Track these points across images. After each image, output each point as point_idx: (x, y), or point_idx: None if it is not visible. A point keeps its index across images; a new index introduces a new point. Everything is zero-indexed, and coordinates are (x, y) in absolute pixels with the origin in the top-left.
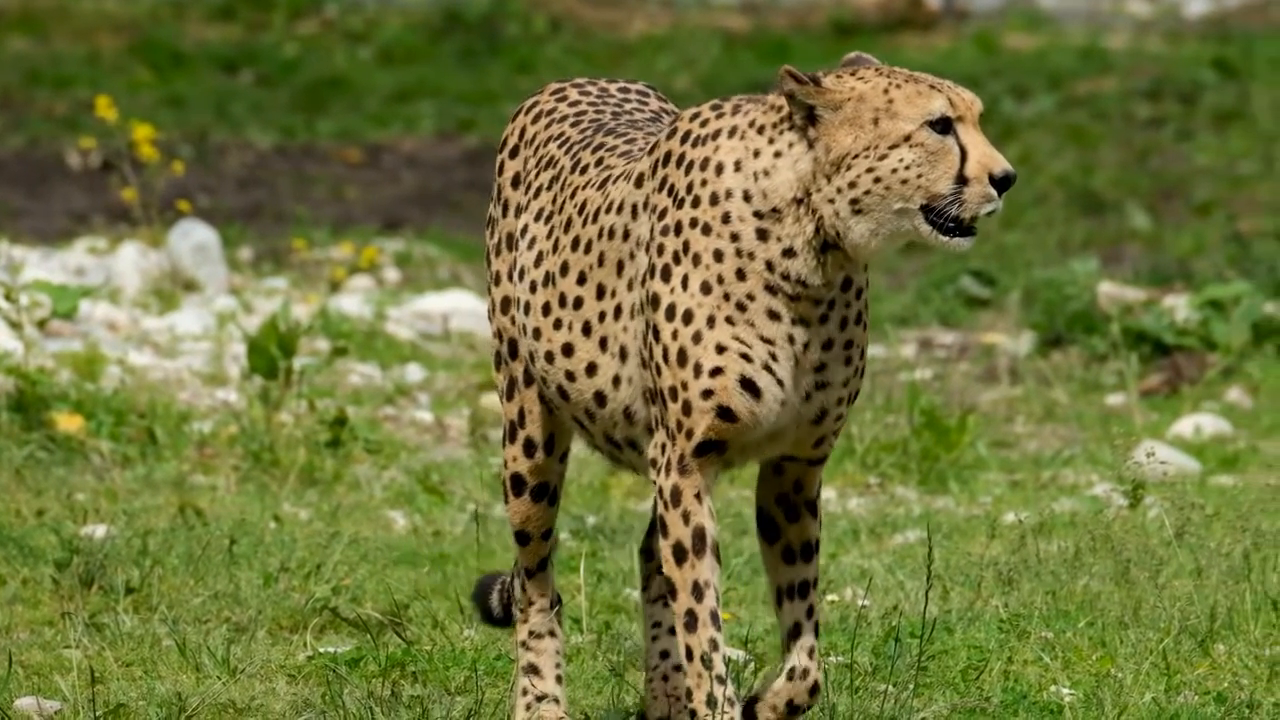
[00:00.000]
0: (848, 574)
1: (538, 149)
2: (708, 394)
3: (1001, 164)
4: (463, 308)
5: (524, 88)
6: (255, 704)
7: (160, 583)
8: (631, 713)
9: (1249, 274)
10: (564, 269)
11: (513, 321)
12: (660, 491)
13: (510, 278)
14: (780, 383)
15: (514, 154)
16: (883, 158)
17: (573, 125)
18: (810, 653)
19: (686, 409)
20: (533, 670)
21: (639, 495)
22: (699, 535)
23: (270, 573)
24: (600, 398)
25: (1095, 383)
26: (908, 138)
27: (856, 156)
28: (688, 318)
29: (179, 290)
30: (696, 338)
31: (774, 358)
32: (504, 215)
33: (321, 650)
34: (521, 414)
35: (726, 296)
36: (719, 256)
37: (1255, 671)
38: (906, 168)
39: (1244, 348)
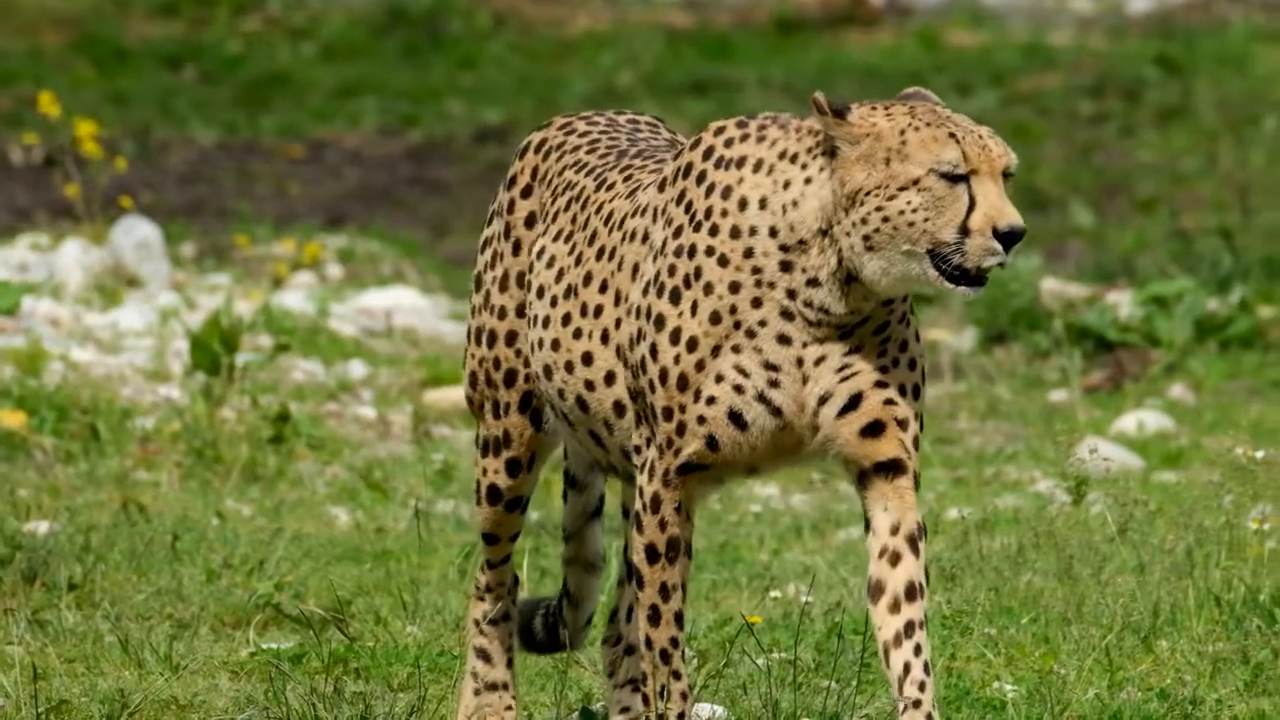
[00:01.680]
0: (791, 570)
1: (551, 182)
2: (702, 420)
3: (1008, 219)
4: (405, 304)
5: (467, 84)
6: (198, 700)
7: (103, 579)
8: (574, 708)
9: (1192, 270)
10: (587, 279)
11: (516, 354)
12: (641, 491)
13: (519, 313)
14: (777, 409)
15: (526, 193)
16: (891, 198)
17: (589, 152)
18: (921, 686)
19: (680, 430)
20: (484, 656)
21: None
22: (673, 543)
23: (213, 569)
24: (619, 407)
25: (1038, 379)
26: (916, 182)
27: (869, 194)
28: (692, 345)
29: (122, 286)
30: (699, 365)
31: (775, 384)
32: (515, 254)
33: (264, 646)
34: (507, 435)
35: (737, 325)
36: (735, 288)
37: (1198, 668)
38: (914, 211)
39: (1187, 344)
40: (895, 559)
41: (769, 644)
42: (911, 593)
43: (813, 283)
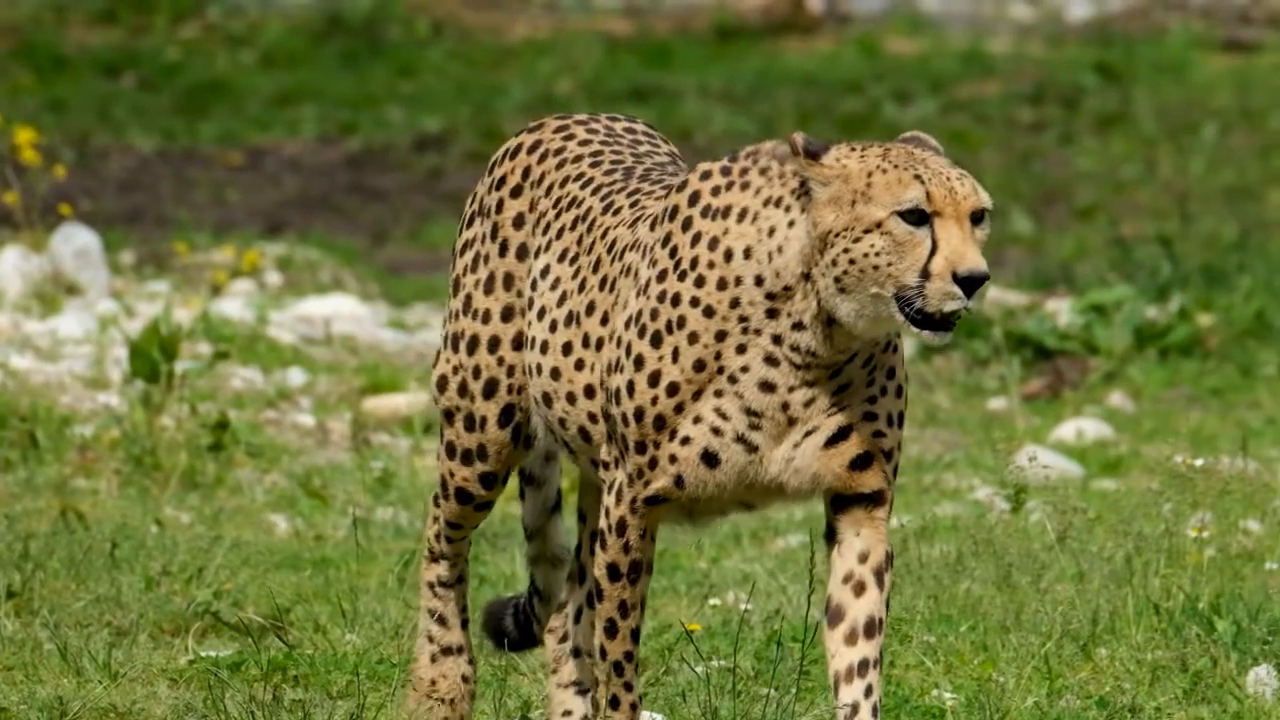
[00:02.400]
0: (730, 578)
1: (551, 189)
2: (674, 459)
3: (969, 264)
4: (344, 311)
5: (406, 91)
6: (137, 708)
7: (41, 586)
8: (513, 715)
9: (1131, 278)
10: (590, 309)
11: (499, 362)
12: (607, 511)
13: (504, 318)
14: (754, 447)
15: (516, 193)
16: (856, 240)
17: (593, 165)
18: None
19: (653, 464)
20: (439, 619)
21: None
22: (635, 565)
23: (152, 576)
24: None
25: (977, 387)
26: (879, 224)
27: (837, 235)
28: (672, 390)
29: (61, 294)
30: (679, 408)
31: (756, 427)
32: (502, 256)
33: (203, 654)
34: (482, 449)
35: (720, 370)
36: (720, 337)
37: (1137, 675)
38: (877, 254)
39: (1126, 352)
40: (860, 589)
41: (708, 652)
42: (870, 629)
43: (798, 326)
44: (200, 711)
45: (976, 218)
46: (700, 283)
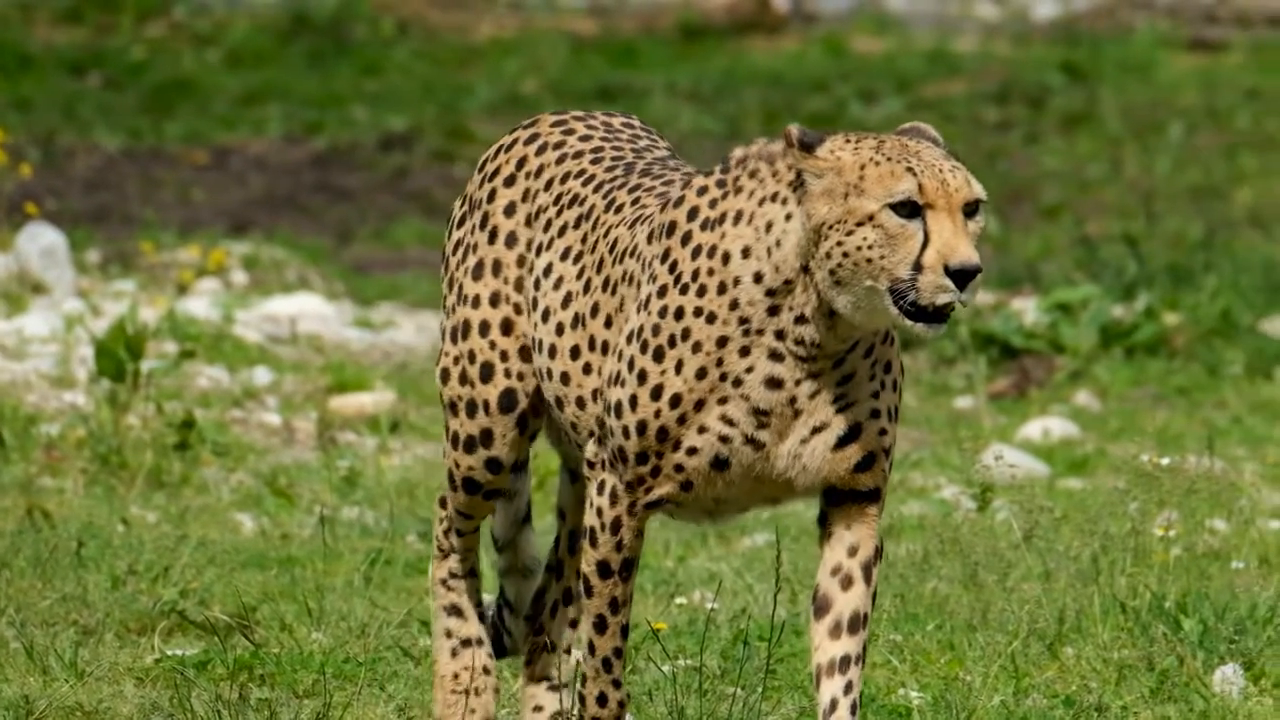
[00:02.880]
0: (696, 577)
1: (551, 184)
2: (679, 468)
3: (960, 256)
4: (310, 310)
5: (371, 90)
6: (103, 707)
7: (7, 585)
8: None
9: (1097, 277)
10: (594, 310)
11: (491, 346)
12: (599, 511)
13: (492, 303)
14: (761, 445)
15: (510, 183)
16: (850, 233)
17: (594, 163)
18: None
19: (655, 472)
20: (455, 611)
21: None
22: (627, 563)
23: (118, 575)
24: None
25: (944, 385)
26: (871, 217)
27: (831, 228)
28: (675, 401)
29: (27, 293)
30: (682, 420)
31: (763, 425)
32: (491, 243)
33: (169, 653)
34: (488, 435)
35: (723, 377)
36: (722, 343)
37: (1103, 674)
38: (870, 247)
39: (1092, 351)
40: (847, 582)
41: (674, 651)
42: (855, 624)
43: (800, 320)
44: (166, 710)
45: (970, 210)
46: (702, 291)
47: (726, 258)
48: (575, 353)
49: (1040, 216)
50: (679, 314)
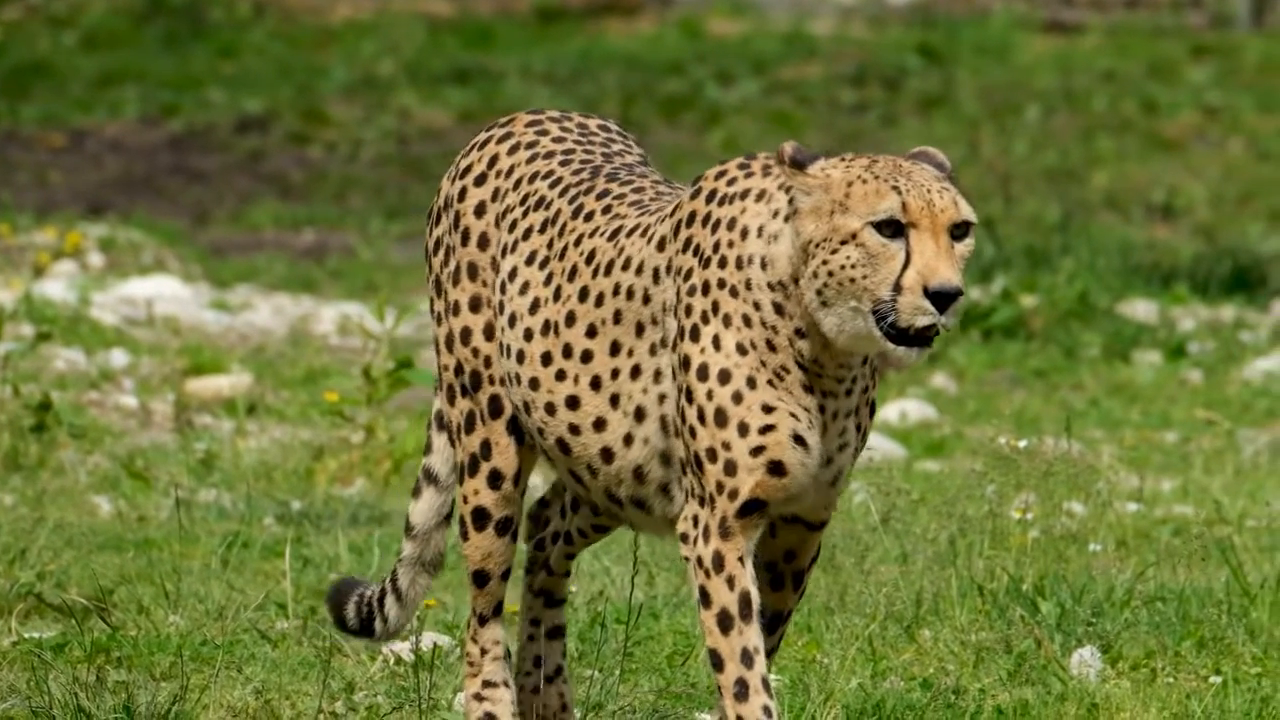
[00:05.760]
0: None
1: (519, 184)
2: (758, 451)
3: (940, 278)
4: (166, 293)
5: (228, 72)
6: None
7: None
8: (338, 696)
9: None
10: (569, 319)
11: (474, 354)
12: (699, 561)
13: (472, 308)
14: (812, 448)
15: (480, 181)
16: (834, 252)
17: (563, 165)
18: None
19: (730, 469)
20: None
21: (344, 481)
22: (745, 601)
23: None
24: (607, 454)
25: None
26: (854, 236)
27: (817, 246)
28: (724, 377)
29: None
30: (737, 397)
31: (810, 425)
32: (464, 244)
33: (26, 636)
34: (486, 446)
35: (763, 363)
36: (748, 321)
37: (961, 657)
38: (853, 266)
39: (949, 334)
40: (777, 583)
41: None
42: (774, 623)
43: (800, 333)
44: (23, 693)
45: (958, 232)
46: (723, 263)
47: (745, 232)
48: (547, 359)
49: None
50: (705, 288)
